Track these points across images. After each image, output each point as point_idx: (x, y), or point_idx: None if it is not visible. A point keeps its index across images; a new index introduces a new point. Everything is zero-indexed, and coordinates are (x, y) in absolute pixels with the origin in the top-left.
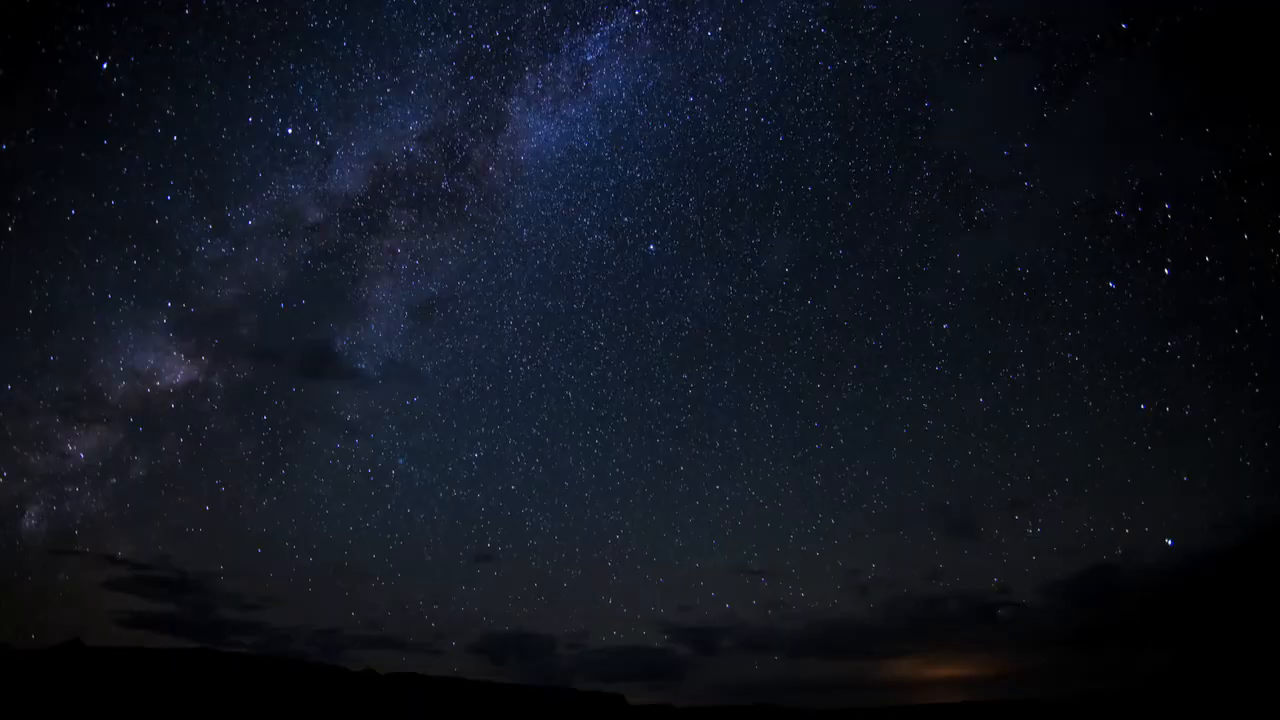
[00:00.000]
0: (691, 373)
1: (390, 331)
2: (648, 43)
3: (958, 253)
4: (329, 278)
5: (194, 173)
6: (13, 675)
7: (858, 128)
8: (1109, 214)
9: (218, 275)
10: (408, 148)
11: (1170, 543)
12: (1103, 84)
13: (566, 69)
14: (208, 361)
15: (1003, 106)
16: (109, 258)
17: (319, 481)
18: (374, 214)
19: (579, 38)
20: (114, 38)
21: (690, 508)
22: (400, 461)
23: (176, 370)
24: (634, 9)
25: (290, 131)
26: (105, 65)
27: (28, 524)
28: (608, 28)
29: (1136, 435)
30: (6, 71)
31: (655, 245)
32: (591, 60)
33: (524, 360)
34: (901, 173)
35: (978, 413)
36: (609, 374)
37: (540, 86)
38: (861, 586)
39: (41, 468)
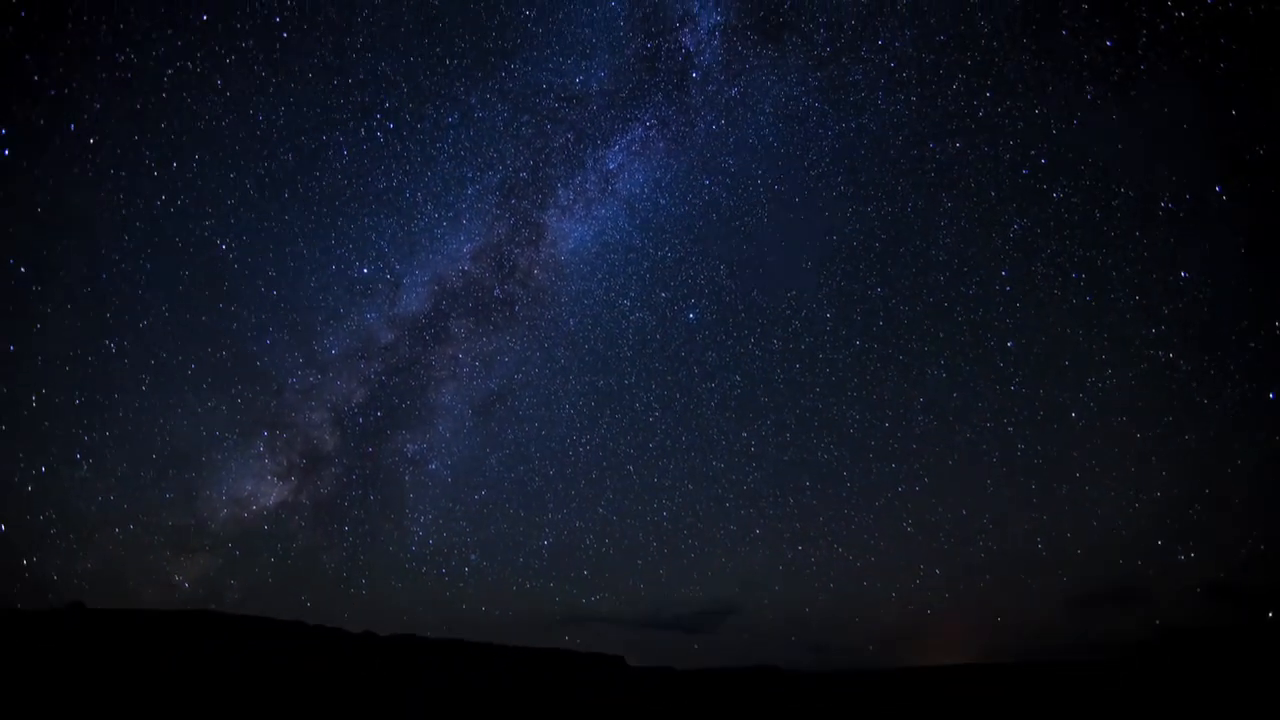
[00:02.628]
0: (751, 430)
1: (457, 431)
2: (661, 145)
3: (1003, 270)
4: (400, 389)
5: (289, 318)
6: (15, 637)
7: (869, 178)
8: (1154, 207)
9: (307, 401)
10: (463, 267)
11: None
12: (1106, 94)
13: (593, 179)
14: (296, 481)
15: (1008, 134)
16: (218, 400)
17: (397, 588)
18: (437, 327)
19: (600, 152)
20: (232, 225)
21: (774, 574)
22: (472, 559)
23: (270, 493)
24: (645, 122)
25: (365, 271)
26: (224, 246)
27: None
28: (624, 140)
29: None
30: (154, 266)
31: (695, 314)
32: (614, 168)
33: (583, 440)
34: (923, 208)
35: (1075, 429)
36: (668, 443)
37: (572, 197)
38: (990, 647)
39: (152, 600)
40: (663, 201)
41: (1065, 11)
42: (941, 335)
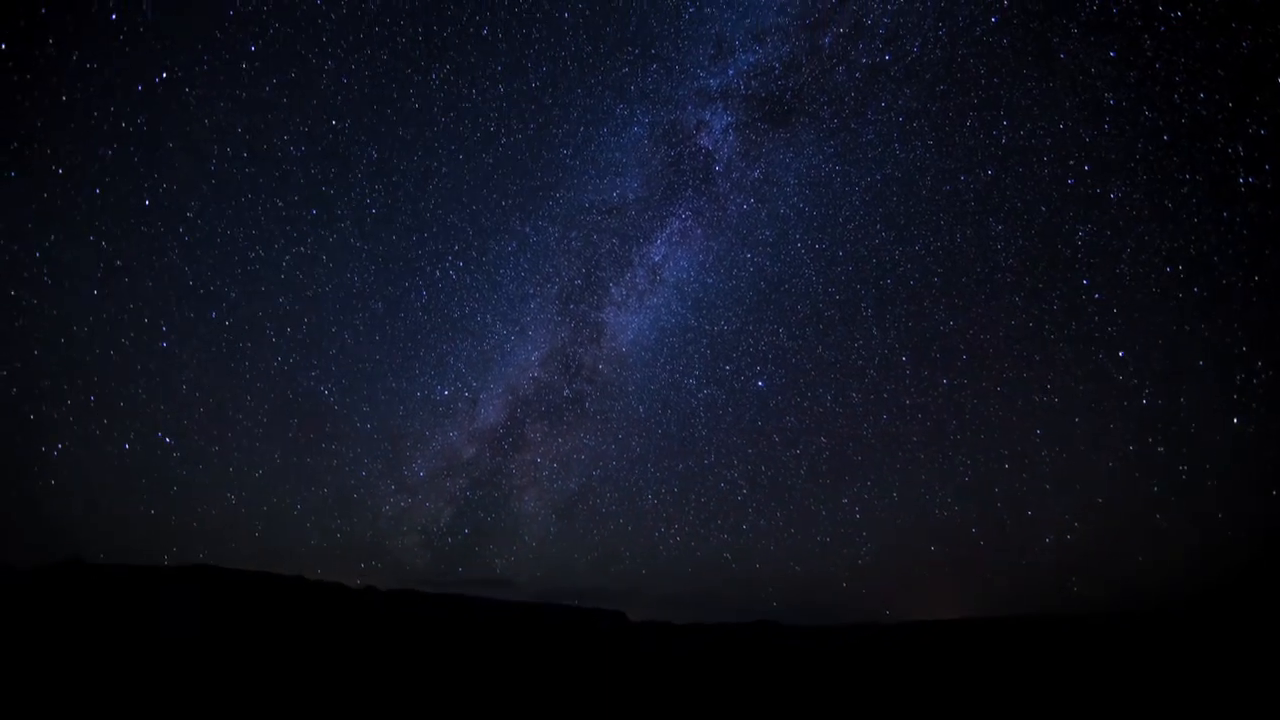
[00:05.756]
0: (851, 494)
1: (542, 538)
2: (699, 231)
3: (1083, 279)
4: (484, 502)
5: (380, 447)
6: (12, 592)
7: (907, 220)
8: (1231, 185)
9: (399, 526)
10: (533, 374)
11: None
12: (1129, 95)
13: (641, 273)
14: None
15: (1038, 151)
16: (320, 538)
17: None
18: (515, 435)
19: (644, 249)
20: (333, 372)
21: None
22: None
23: None
24: (681, 215)
25: (446, 393)
26: (326, 391)
27: None
28: (664, 234)
29: None
30: (269, 419)
31: (763, 381)
32: (659, 260)
33: (672, 531)
34: (972, 237)
35: (1244, 436)
36: (762, 522)
37: (625, 293)
38: None
39: None
40: (710, 280)
41: (1056, 39)
42: (1038, 358)
